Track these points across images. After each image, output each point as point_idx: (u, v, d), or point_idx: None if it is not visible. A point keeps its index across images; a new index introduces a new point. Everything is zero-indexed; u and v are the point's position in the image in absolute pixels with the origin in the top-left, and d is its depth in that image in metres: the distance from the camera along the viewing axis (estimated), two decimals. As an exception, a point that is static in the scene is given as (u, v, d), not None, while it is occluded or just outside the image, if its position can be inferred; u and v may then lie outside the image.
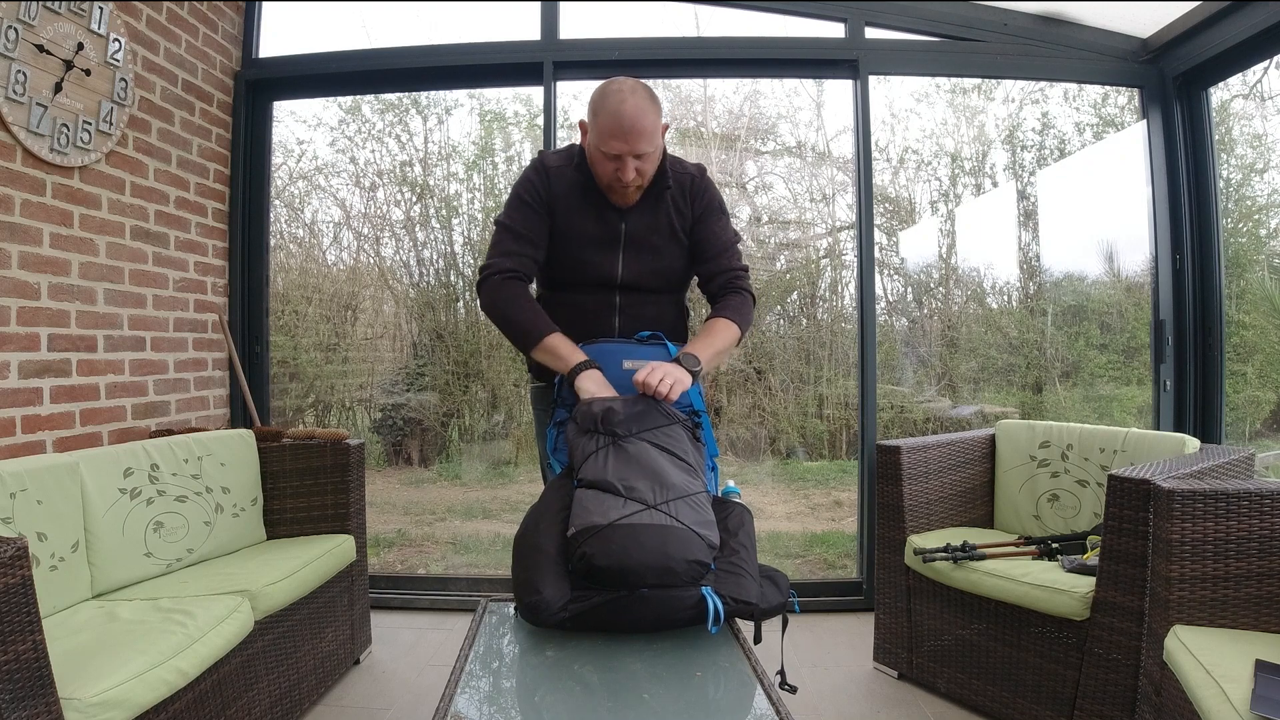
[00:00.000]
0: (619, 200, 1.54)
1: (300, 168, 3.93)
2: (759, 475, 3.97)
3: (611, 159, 1.45)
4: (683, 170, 1.60)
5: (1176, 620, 1.43)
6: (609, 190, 1.52)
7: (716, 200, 1.63)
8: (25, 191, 2.02)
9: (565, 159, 1.57)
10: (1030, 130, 3.78)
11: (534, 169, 1.58)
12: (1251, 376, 3.24)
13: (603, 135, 1.43)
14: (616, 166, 1.45)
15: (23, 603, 1.14)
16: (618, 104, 1.41)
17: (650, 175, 1.52)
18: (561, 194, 1.55)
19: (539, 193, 1.55)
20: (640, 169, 1.46)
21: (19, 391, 2.00)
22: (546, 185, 1.55)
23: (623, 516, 1.21)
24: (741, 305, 1.61)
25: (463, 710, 1.02)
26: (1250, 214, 3.23)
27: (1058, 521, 2.26)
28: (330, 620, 2.19)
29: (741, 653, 1.18)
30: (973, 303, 3.93)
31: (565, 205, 1.56)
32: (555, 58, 2.88)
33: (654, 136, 1.44)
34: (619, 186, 1.49)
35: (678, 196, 1.59)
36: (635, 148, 1.42)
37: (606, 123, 1.42)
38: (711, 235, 1.62)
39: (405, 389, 4.00)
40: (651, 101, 1.44)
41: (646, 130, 1.41)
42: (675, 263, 1.64)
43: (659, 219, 1.58)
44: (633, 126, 1.40)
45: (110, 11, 2.26)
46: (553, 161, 1.58)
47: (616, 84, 1.45)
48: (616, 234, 1.57)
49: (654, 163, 1.50)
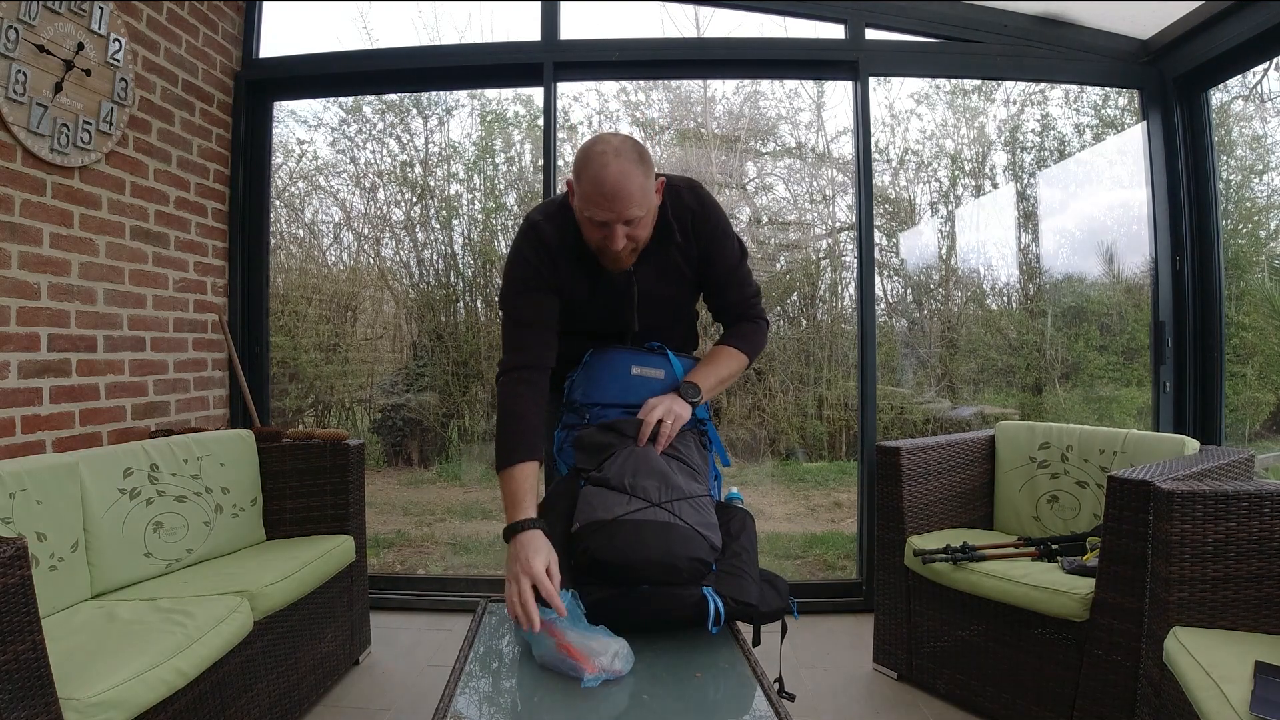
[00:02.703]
0: (611, 265, 1.41)
1: (300, 168, 3.94)
2: (759, 476, 3.97)
3: (598, 225, 1.32)
4: (681, 208, 1.47)
5: (1176, 621, 1.43)
6: (600, 255, 1.40)
7: (719, 226, 1.51)
8: (25, 191, 2.02)
9: (562, 229, 1.43)
10: (1030, 131, 3.78)
11: (530, 246, 1.43)
12: (1251, 378, 3.24)
13: (586, 201, 1.31)
14: (604, 234, 1.33)
15: (22, 603, 1.14)
16: (600, 169, 1.27)
17: (644, 239, 1.39)
18: (564, 265, 1.44)
19: (540, 273, 1.43)
20: (631, 234, 1.34)
21: (19, 391, 2.00)
22: (550, 261, 1.43)
23: (627, 513, 1.21)
24: (752, 334, 1.56)
25: (462, 711, 1.02)
26: (1250, 215, 3.23)
27: (1057, 523, 2.26)
28: (330, 621, 2.19)
29: (741, 654, 1.18)
30: (972, 304, 3.93)
31: (569, 274, 1.45)
32: (556, 58, 2.88)
33: (644, 200, 1.31)
34: (610, 253, 1.36)
35: (681, 240, 1.48)
36: (621, 214, 1.29)
37: (589, 188, 1.29)
38: (720, 268, 1.53)
39: (405, 389, 4.00)
40: (639, 163, 1.29)
41: (634, 195, 1.28)
42: (688, 299, 1.59)
43: (667, 267, 1.49)
44: (616, 193, 1.27)
45: (110, 11, 2.26)
46: (546, 230, 1.43)
47: (600, 144, 1.30)
48: (629, 297, 1.48)
49: (647, 226, 1.38)
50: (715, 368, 1.50)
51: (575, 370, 1.52)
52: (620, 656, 1.08)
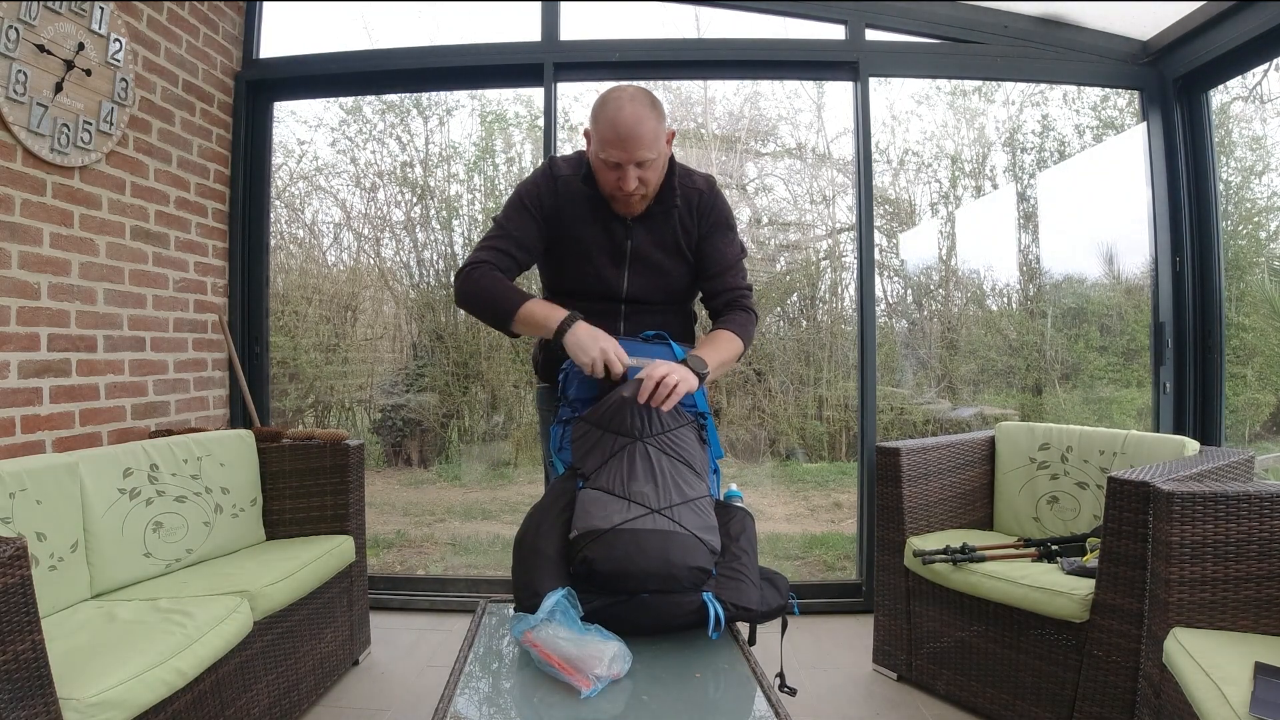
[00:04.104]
0: (623, 209, 1.50)
1: (301, 168, 3.94)
2: (759, 477, 3.97)
3: (612, 167, 1.41)
4: (691, 185, 1.56)
5: (1176, 622, 1.43)
6: (612, 199, 1.49)
7: (724, 216, 1.59)
8: (25, 191, 2.02)
9: (575, 168, 1.53)
10: (1030, 132, 3.78)
11: (543, 174, 1.54)
12: (1251, 379, 3.24)
13: (602, 143, 1.40)
14: (618, 175, 1.42)
15: (22, 603, 1.14)
16: (615, 110, 1.38)
17: (654, 184, 1.48)
18: (568, 204, 1.52)
19: (541, 200, 1.52)
20: (643, 178, 1.42)
21: (19, 391, 2.00)
22: (553, 193, 1.52)
23: (625, 521, 1.21)
24: (745, 322, 1.59)
25: (462, 711, 1.02)
26: (1250, 216, 3.23)
27: (1057, 523, 2.26)
28: (329, 621, 2.19)
29: (741, 654, 1.19)
30: (972, 305, 3.93)
31: (572, 216, 1.53)
32: (556, 59, 2.88)
33: (655, 143, 1.40)
34: (621, 196, 1.45)
35: (685, 214, 1.56)
36: (634, 155, 1.39)
37: (605, 130, 1.39)
38: (717, 252, 1.59)
39: (405, 390, 4.00)
40: (652, 108, 1.40)
41: (646, 137, 1.38)
42: (680, 280, 1.62)
43: (665, 236, 1.56)
44: (630, 133, 1.37)
45: (111, 12, 2.26)
46: (563, 170, 1.53)
47: (617, 91, 1.42)
48: (623, 249, 1.55)
49: (657, 171, 1.46)
50: (717, 349, 1.50)
51: (569, 362, 1.50)
52: (617, 659, 1.08)
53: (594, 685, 1.04)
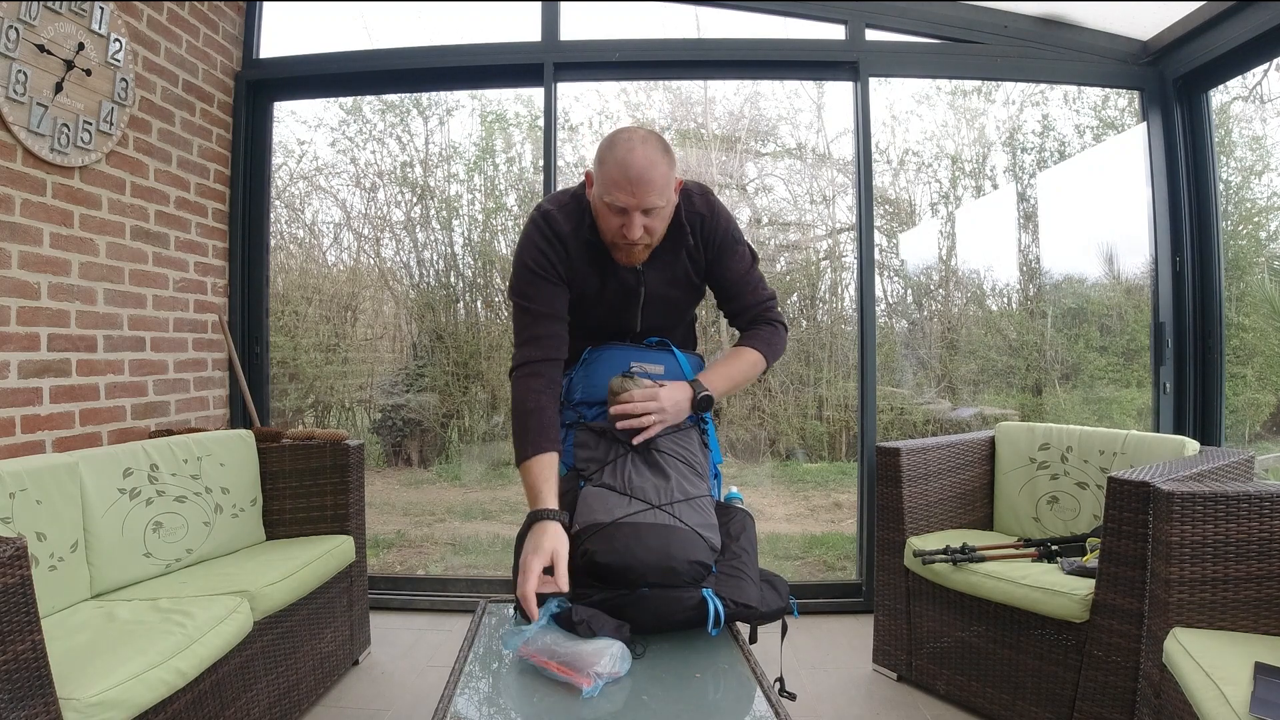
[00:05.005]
0: (623, 259, 1.40)
1: (301, 168, 3.93)
2: (758, 477, 3.97)
3: (616, 212, 1.32)
4: (693, 211, 1.47)
5: (1176, 622, 1.43)
6: (613, 247, 1.39)
7: (730, 233, 1.50)
8: (25, 191, 2.02)
9: (573, 219, 1.42)
10: (1030, 132, 3.78)
11: (542, 235, 1.41)
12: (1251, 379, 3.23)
13: (608, 185, 1.30)
14: (622, 222, 1.32)
15: (22, 603, 1.14)
16: (626, 152, 1.27)
17: (660, 233, 1.38)
18: (579, 261, 1.43)
19: (552, 263, 1.41)
20: (649, 226, 1.33)
21: (19, 391, 2.00)
22: (563, 252, 1.41)
23: (626, 515, 1.21)
24: (772, 336, 1.54)
25: (462, 711, 1.02)
26: (1250, 216, 3.23)
27: (1057, 524, 2.26)
28: (329, 621, 2.19)
29: (741, 654, 1.18)
30: (972, 305, 3.93)
31: (584, 274, 1.44)
32: (556, 59, 2.89)
33: (665, 190, 1.31)
34: (624, 244, 1.35)
35: (691, 246, 1.48)
36: (643, 201, 1.29)
37: (614, 171, 1.29)
38: (730, 273, 1.51)
39: (405, 390, 4.00)
40: (663, 153, 1.31)
41: (656, 183, 1.28)
42: (690, 305, 1.59)
43: (677, 272, 1.49)
44: (641, 177, 1.27)
45: (111, 12, 2.26)
46: (562, 225, 1.41)
47: (626, 132, 1.32)
48: (636, 295, 1.48)
49: (664, 220, 1.37)
50: (729, 369, 1.47)
51: (575, 368, 1.52)
52: (617, 657, 1.08)
53: (594, 683, 1.04)
